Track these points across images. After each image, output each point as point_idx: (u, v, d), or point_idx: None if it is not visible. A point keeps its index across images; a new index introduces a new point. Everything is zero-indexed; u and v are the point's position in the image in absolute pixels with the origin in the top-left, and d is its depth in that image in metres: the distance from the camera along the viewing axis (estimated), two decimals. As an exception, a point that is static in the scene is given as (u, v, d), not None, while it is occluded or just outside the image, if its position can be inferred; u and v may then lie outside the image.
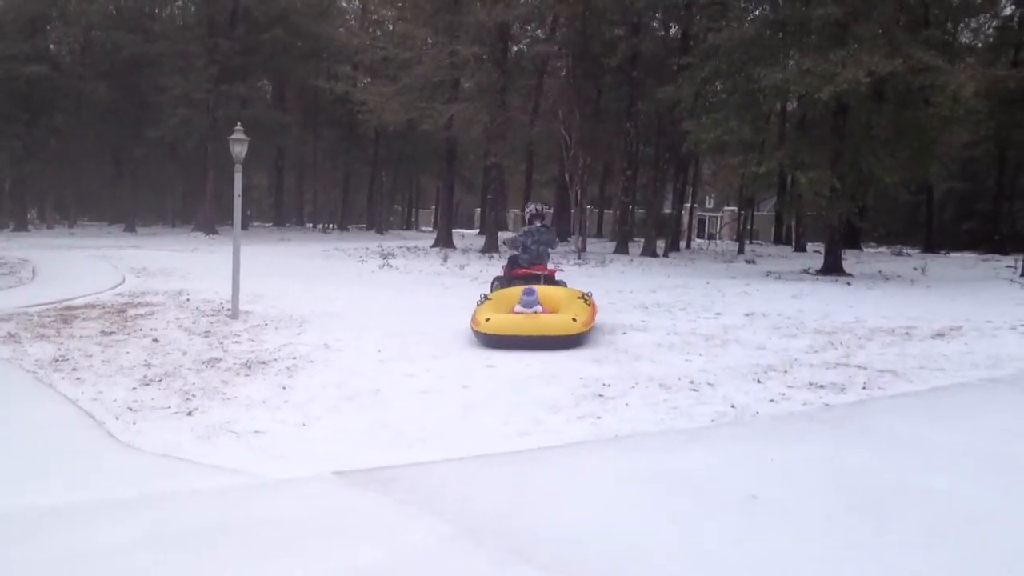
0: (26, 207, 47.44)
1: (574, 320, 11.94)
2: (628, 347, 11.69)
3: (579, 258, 29.63)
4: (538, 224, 15.67)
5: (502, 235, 32.25)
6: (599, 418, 8.04)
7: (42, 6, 42.62)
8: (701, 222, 66.71)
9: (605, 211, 56.22)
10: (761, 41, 24.68)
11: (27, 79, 41.63)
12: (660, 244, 34.38)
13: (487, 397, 8.89)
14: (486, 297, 13.56)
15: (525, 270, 15.17)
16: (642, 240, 35.91)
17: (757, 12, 26.55)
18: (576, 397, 8.82)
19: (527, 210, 16.95)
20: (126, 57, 44.39)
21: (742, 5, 27.24)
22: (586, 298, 13.13)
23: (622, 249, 34.21)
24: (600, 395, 8.93)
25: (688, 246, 44.93)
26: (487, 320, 11.99)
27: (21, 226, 43.40)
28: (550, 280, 14.97)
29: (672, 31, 36.30)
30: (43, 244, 32.01)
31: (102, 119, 49.66)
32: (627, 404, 8.56)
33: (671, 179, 37.83)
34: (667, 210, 40.94)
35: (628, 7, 30.69)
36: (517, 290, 13.10)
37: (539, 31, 38.53)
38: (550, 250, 15.55)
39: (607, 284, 21.11)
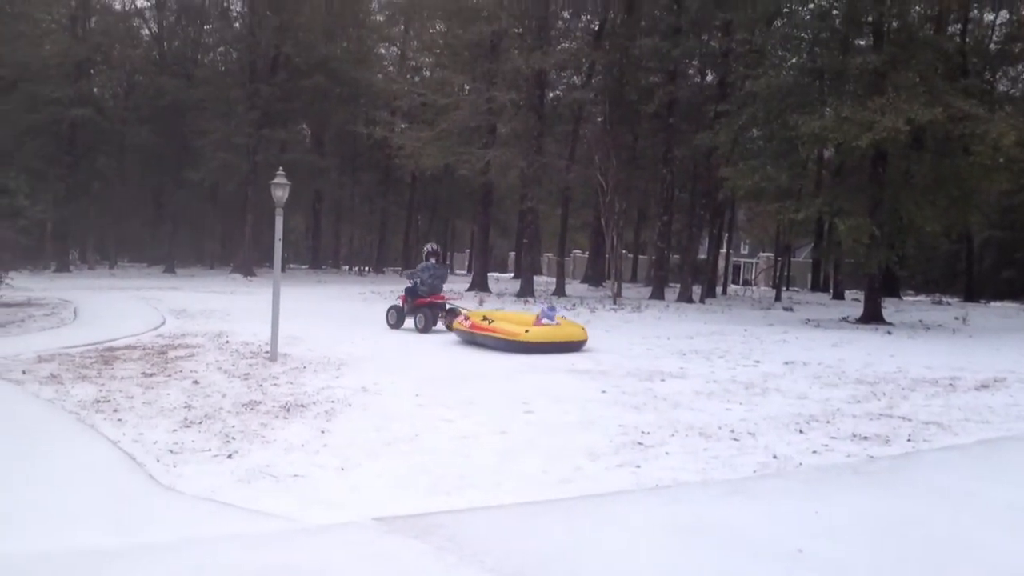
0: (68, 248, 48.13)
1: (583, 329, 16.67)
2: (666, 394, 11.60)
3: (614, 303, 29.54)
4: (433, 261, 19.30)
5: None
6: (639, 467, 7.96)
7: (87, 50, 43.56)
8: (736, 268, 66.31)
9: (640, 256, 56.17)
10: (799, 89, 24.69)
11: (71, 122, 42.50)
12: (696, 290, 34.22)
13: (526, 443, 8.84)
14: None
15: (427, 299, 18.90)
16: (678, 286, 35.80)
17: (794, 60, 26.58)
18: (615, 445, 8.75)
19: (425, 249, 20.32)
20: (168, 102, 45.18)
21: (779, 53, 27.29)
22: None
23: (658, 295, 34.08)
24: (639, 443, 8.85)
25: (724, 292, 44.69)
26: (526, 332, 15.91)
27: (63, 267, 44.02)
28: (442, 307, 18.96)
29: (709, 78, 36.42)
30: (84, 285, 32.42)
31: (144, 162, 50.50)
32: (667, 453, 8.47)
33: (707, 224, 37.76)
34: (702, 256, 40.81)
35: (665, 55, 30.84)
36: (498, 312, 17.97)
37: (575, 78, 38.80)
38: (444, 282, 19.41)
39: (643, 330, 21.03)
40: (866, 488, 7.37)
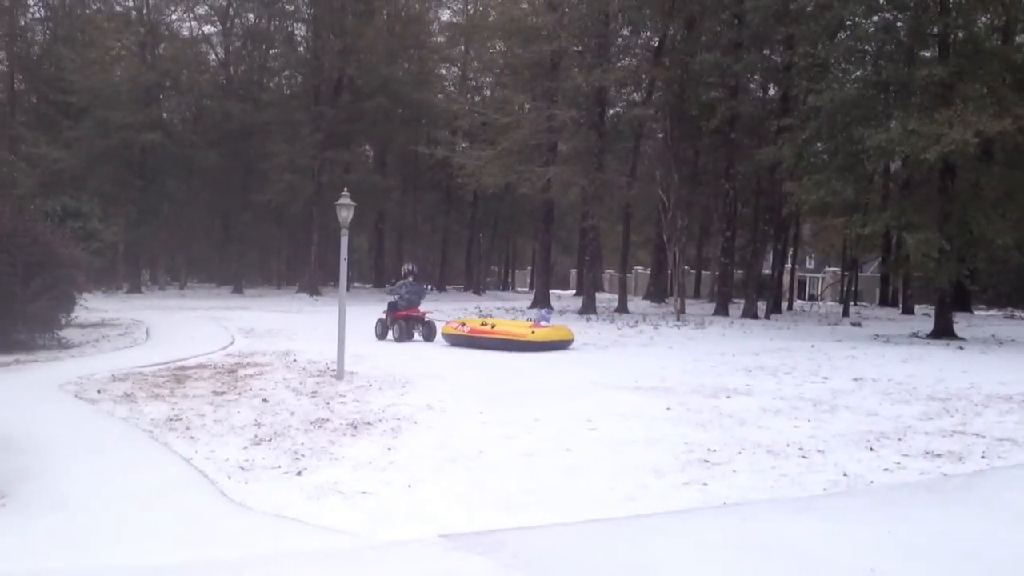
0: (140, 269, 49.19)
1: (570, 331, 20.82)
2: (732, 411, 11.50)
3: (678, 320, 29.34)
4: (410, 280, 22.09)
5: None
6: (706, 484, 7.90)
7: (156, 76, 44.57)
8: (802, 283, 65.34)
9: (702, 272, 55.72)
10: (863, 102, 24.34)
11: (142, 147, 43.46)
12: (761, 306, 33.84)
13: (590, 460, 8.83)
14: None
15: (404, 312, 21.24)
16: (742, 302, 35.43)
17: (859, 73, 26.22)
18: (681, 462, 8.69)
19: (403, 269, 24.09)
20: (235, 125, 46.03)
21: (843, 66, 26.96)
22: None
23: (722, 311, 33.77)
24: (706, 460, 8.79)
25: (790, 308, 44.09)
26: (532, 332, 19.57)
27: (135, 288, 44.99)
28: (419, 319, 21.47)
29: (771, 92, 36.09)
30: (156, 305, 33.12)
31: (212, 185, 51.46)
32: (734, 471, 8.40)
33: (771, 239, 37.36)
34: (767, 271, 40.33)
35: (726, 69, 30.65)
36: (491, 320, 22.43)
37: (636, 94, 38.71)
38: (421, 299, 22.09)
39: (707, 346, 20.85)
40: (940, 506, 7.23)
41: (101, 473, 8.13)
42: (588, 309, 33.25)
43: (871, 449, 9.28)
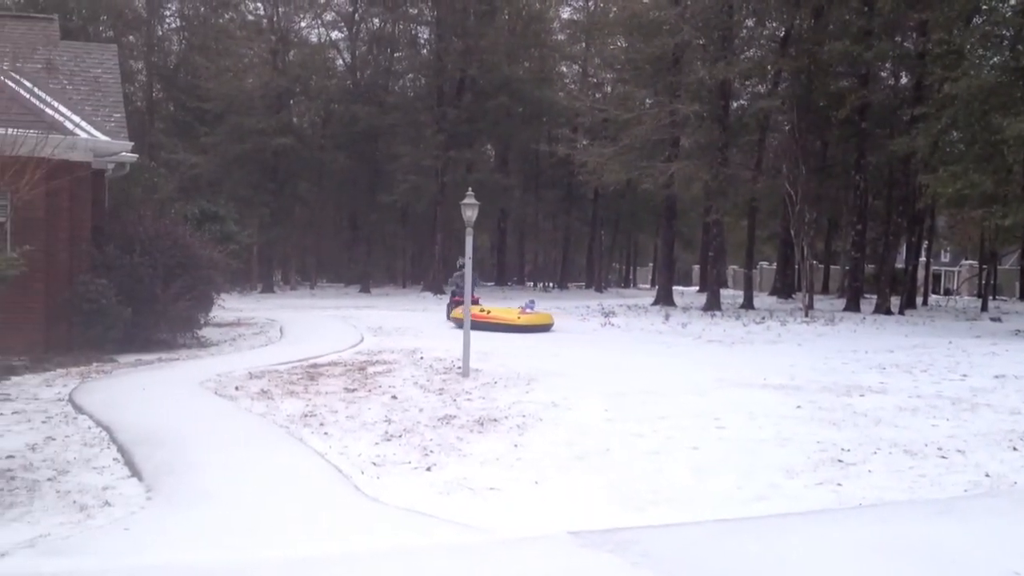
0: (272, 270, 50.82)
1: (551, 316, 24.35)
2: (866, 410, 11.18)
3: (806, 316, 28.66)
4: (461, 271, 23.48)
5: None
6: (840, 485, 7.72)
7: (287, 82, 45.96)
8: (936, 277, 62.99)
9: (831, 267, 54.24)
10: (1001, 89, 23.29)
11: (274, 151, 44.89)
12: (894, 301, 32.75)
13: (719, 459, 8.72)
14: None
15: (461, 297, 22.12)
16: (873, 297, 34.36)
17: (996, 59, 25.11)
18: (813, 462, 8.51)
19: (458, 262, 26.68)
20: (362, 128, 47.08)
21: (979, 52, 25.85)
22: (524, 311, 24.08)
23: (853, 306, 32.84)
24: (839, 460, 8.58)
25: (924, 303, 42.57)
26: (519, 317, 23.19)
27: (268, 288, 46.48)
28: (476, 304, 22.42)
29: (903, 81, 34.90)
30: (288, 305, 34.16)
31: (340, 186, 52.83)
32: (869, 471, 8.18)
33: (904, 232, 36.10)
34: (900, 265, 38.99)
35: (856, 58, 29.77)
36: (487, 308, 24.39)
37: (761, 86, 37.97)
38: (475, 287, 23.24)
39: (838, 343, 20.31)
40: (1092, 511, 6.89)
41: (241, 467, 8.45)
42: (712, 306, 32.79)
43: (1014, 449, 8.91)
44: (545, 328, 23.46)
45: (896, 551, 5.97)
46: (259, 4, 50.26)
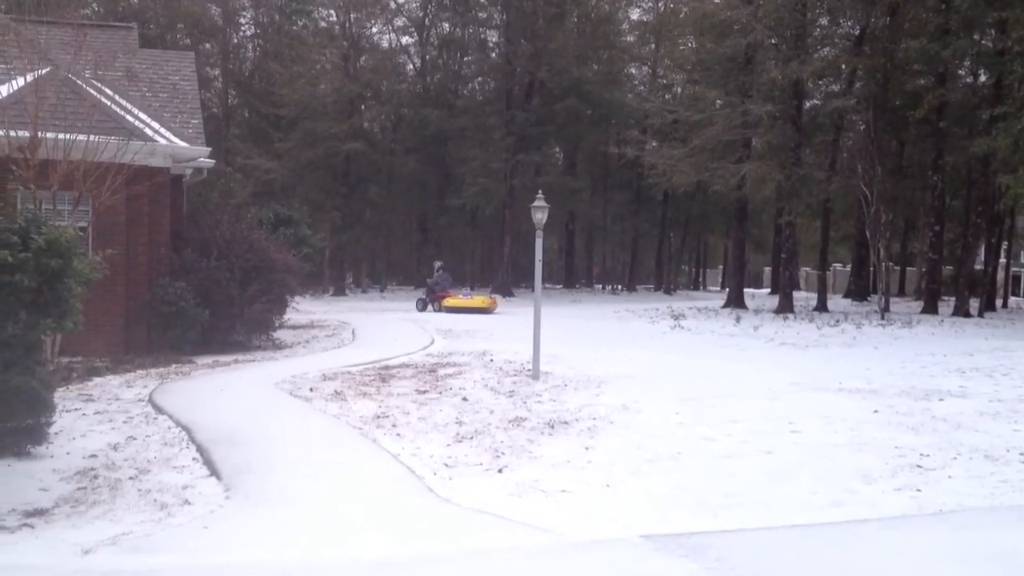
0: (344, 273, 51.43)
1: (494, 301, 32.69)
2: (946, 415, 10.92)
3: (882, 318, 28.06)
4: (441, 272, 33.05)
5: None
6: (919, 491, 7.57)
7: (358, 87, 46.51)
8: (1016, 279, 61.18)
9: (907, 268, 53.10)
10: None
11: (346, 155, 45.42)
12: (973, 303, 31.93)
13: (793, 464, 8.61)
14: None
15: (442, 293, 31.81)
16: (951, 299, 33.54)
17: (1082, 55, 24.35)
18: (891, 467, 8.35)
19: (435, 264, 34.80)
20: (431, 132, 47.44)
21: (1063, 47, 25.08)
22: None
23: (930, 309, 32.08)
24: (918, 466, 8.41)
25: (1004, 305, 41.43)
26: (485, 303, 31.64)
27: (340, 291, 47.01)
28: (446, 297, 31.74)
29: (982, 79, 34.01)
30: (359, 307, 34.54)
31: (410, 190, 53.30)
32: (949, 476, 8.00)
33: (983, 233, 35.17)
34: (979, 267, 37.99)
35: (933, 56, 29.07)
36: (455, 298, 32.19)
37: (835, 85, 37.31)
38: (449, 285, 32.89)
39: (916, 346, 19.88)
40: None
41: (316, 467, 8.58)
42: (785, 308, 32.30)
43: (1102, 457, 8.63)
44: (490, 311, 30.96)
45: (977, 559, 5.83)
46: (331, 11, 51.04)
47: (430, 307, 31.76)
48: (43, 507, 7.20)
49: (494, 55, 49.05)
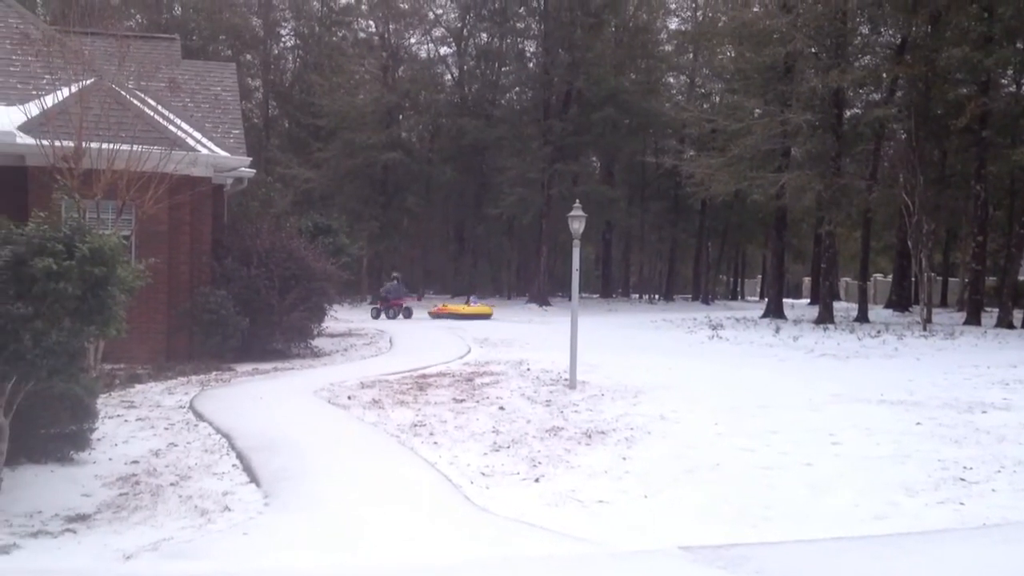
0: (381, 282, 51.68)
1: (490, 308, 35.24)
2: (990, 427, 10.76)
3: (924, 329, 27.71)
4: (396, 282, 34.27)
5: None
6: (962, 504, 7.46)
7: (396, 98, 46.88)
8: (1063, 290, 60.08)
9: (950, 279, 52.40)
10: None
11: (384, 165, 45.79)
12: (1017, 314, 31.42)
13: (834, 476, 8.52)
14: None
15: (396, 301, 33.10)
16: (995, 310, 33.04)
17: None
18: (934, 480, 8.24)
19: (393, 275, 36.13)
20: (469, 141, 47.63)
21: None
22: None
23: (973, 320, 31.62)
24: (961, 479, 8.29)
25: (1050, 316, 40.68)
26: (462, 308, 34.42)
27: (378, 297, 47.30)
28: (402, 307, 33.06)
29: (1027, 86, 33.55)
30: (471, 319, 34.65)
31: (447, 199, 53.57)
32: (993, 490, 7.88)
33: (1028, 243, 34.62)
34: (1022, 277, 37.38)
35: (976, 65, 28.70)
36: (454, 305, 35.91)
37: (876, 94, 36.95)
38: (402, 294, 33.95)
39: (958, 358, 19.60)
40: None
41: (354, 475, 8.61)
42: (825, 319, 32.00)
43: None
44: (485, 317, 33.07)
45: (1022, 573, 5.73)
46: (371, 22, 51.49)
47: (383, 315, 32.75)
48: (86, 512, 7.29)
49: (531, 65, 49.13)
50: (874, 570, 5.94)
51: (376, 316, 32.92)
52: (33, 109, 14.70)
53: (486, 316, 33.27)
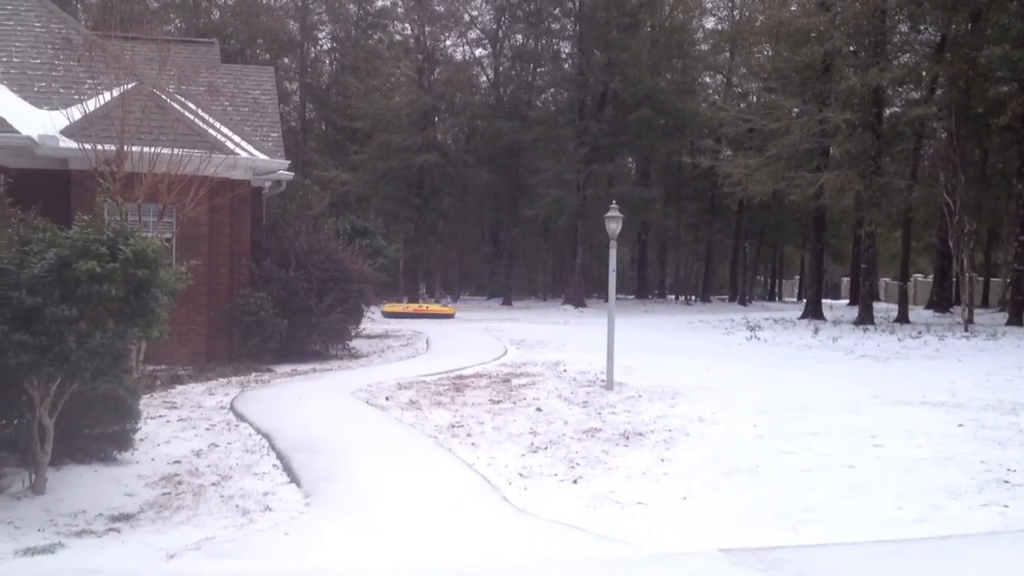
0: (417, 283, 51.89)
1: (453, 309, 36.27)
2: (1035, 430, 10.61)
3: (965, 330, 27.34)
4: None
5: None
6: (1006, 506, 7.36)
7: (432, 100, 47.07)
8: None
9: (991, 279, 51.67)
10: None
11: (420, 167, 45.98)
12: (1062, 316, 30.91)
13: (875, 478, 8.44)
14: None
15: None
16: (1039, 311, 32.52)
17: None
18: (978, 482, 8.14)
19: None
20: (504, 143, 47.71)
21: None
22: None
23: (1015, 321, 31.14)
24: (1005, 481, 8.18)
25: (1095, 317, 39.96)
26: (426, 307, 35.65)
27: (413, 301, 47.48)
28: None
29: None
30: (430, 318, 34.79)
31: (482, 201, 53.66)
32: (1039, 493, 7.76)
33: (1072, 243, 34.05)
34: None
35: (1017, 63, 28.30)
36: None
37: (916, 92, 36.54)
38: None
39: (1002, 359, 19.32)
40: None
41: (393, 476, 8.65)
42: (864, 319, 31.68)
43: None
44: (449, 316, 33.95)
45: (1072, 580, 5.65)
46: (407, 24, 51.70)
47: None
48: (129, 512, 7.39)
49: (567, 66, 49.12)
50: (917, 574, 5.88)
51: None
52: (75, 113, 14.96)
53: (448, 316, 34.04)
